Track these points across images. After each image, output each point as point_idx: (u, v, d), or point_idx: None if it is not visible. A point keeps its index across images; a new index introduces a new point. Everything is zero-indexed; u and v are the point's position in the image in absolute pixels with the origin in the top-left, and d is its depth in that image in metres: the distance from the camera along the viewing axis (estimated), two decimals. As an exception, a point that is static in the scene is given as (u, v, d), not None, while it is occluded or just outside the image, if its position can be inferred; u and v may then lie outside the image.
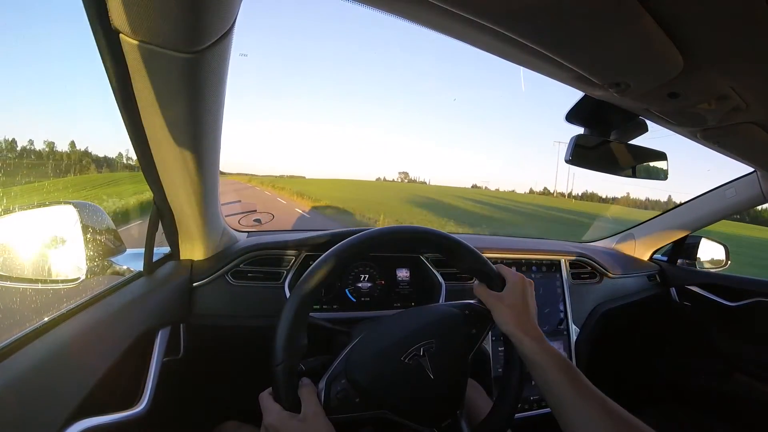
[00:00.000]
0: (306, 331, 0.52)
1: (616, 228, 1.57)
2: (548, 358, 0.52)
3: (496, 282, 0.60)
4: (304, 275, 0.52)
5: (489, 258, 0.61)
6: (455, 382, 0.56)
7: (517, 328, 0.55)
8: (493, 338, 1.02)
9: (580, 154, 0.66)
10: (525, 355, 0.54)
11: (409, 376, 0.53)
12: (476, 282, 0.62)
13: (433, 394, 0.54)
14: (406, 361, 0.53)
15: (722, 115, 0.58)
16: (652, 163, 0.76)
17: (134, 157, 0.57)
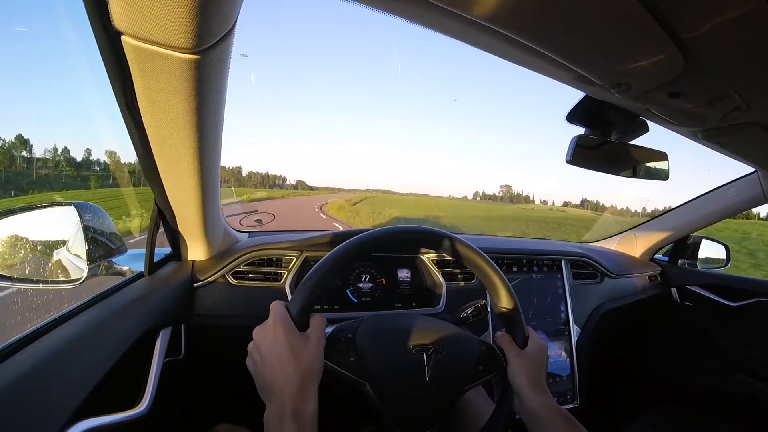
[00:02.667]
0: (340, 279, 0.53)
1: (618, 228, 1.57)
2: (554, 414, 0.54)
3: (522, 339, 0.60)
4: (374, 231, 0.57)
5: (491, 258, 0.61)
6: (442, 399, 0.55)
7: (528, 386, 0.56)
8: (494, 339, 1.02)
9: (581, 154, 0.66)
10: (531, 410, 0.55)
11: (407, 365, 0.53)
12: (500, 332, 0.63)
13: (419, 395, 0.53)
14: (412, 350, 0.54)
15: (723, 116, 0.58)
16: (652, 163, 0.76)
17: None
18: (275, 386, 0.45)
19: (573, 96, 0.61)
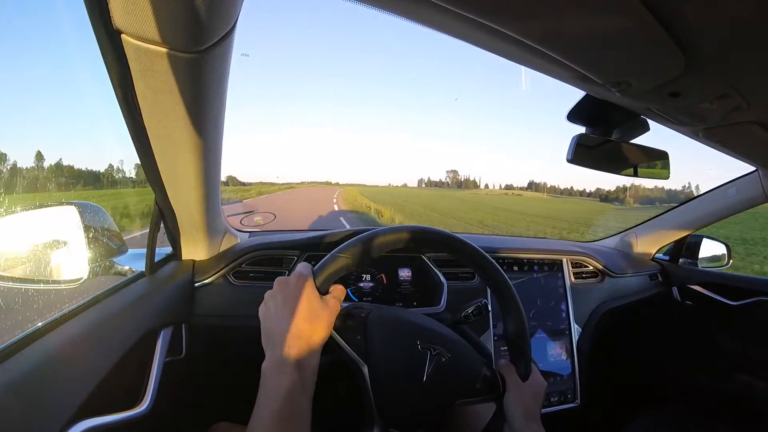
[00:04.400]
0: (370, 261, 0.57)
1: (618, 227, 1.57)
2: None
3: (525, 372, 0.61)
4: (423, 226, 0.59)
5: (492, 257, 0.61)
6: (433, 404, 0.55)
7: (524, 414, 0.56)
8: (495, 338, 1.02)
9: (582, 154, 0.66)
10: None
11: (410, 359, 0.53)
12: (504, 360, 0.64)
13: (411, 393, 0.53)
14: (419, 346, 0.54)
15: (724, 114, 0.58)
16: (653, 163, 0.76)
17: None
18: (283, 335, 0.46)
19: (571, 94, 0.61)
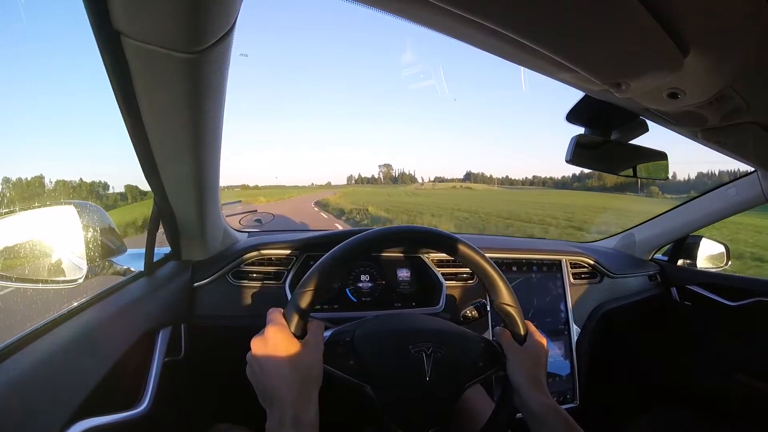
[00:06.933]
0: (338, 282, 0.52)
1: (617, 228, 1.57)
2: (553, 415, 0.53)
3: (521, 335, 0.60)
4: (367, 232, 0.56)
5: (491, 258, 0.61)
6: (443, 398, 0.55)
7: (528, 382, 0.55)
8: (493, 334, 1.02)
9: (581, 154, 0.66)
10: (530, 409, 0.54)
11: (407, 366, 0.53)
12: (499, 327, 0.63)
13: (419, 395, 0.53)
14: (412, 351, 0.54)
15: (723, 115, 0.58)
16: (652, 163, 0.76)
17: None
18: (275, 394, 0.45)
19: (570, 95, 0.61)
